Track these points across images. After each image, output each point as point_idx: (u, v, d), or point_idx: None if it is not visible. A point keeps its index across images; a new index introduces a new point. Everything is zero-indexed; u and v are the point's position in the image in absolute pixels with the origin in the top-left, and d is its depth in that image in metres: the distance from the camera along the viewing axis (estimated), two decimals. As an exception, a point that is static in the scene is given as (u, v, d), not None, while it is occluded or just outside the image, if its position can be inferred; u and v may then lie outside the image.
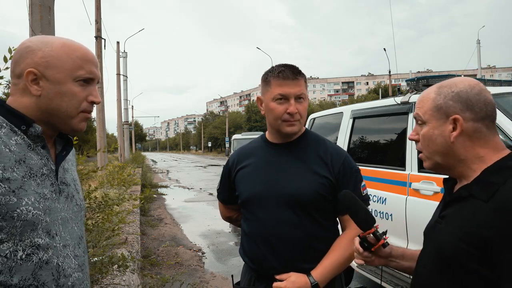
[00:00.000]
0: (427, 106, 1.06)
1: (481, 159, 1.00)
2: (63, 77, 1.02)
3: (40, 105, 1.02)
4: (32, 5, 4.15)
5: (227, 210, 1.90)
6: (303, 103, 1.52)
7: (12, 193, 0.92)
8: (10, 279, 0.91)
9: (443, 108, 1.03)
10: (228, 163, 1.77)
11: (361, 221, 1.21)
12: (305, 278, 1.46)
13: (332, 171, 1.54)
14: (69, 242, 1.05)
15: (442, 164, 1.07)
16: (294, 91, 1.49)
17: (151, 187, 13.70)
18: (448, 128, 1.02)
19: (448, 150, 1.03)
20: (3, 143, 0.94)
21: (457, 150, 1.02)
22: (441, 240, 1.00)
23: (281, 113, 1.50)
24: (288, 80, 1.48)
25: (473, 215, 0.93)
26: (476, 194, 0.95)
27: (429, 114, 1.05)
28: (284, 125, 1.52)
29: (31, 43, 1.03)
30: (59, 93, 1.02)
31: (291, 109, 1.48)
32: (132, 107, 40.54)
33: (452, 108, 1.01)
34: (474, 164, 1.01)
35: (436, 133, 1.04)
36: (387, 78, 63.37)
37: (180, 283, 3.96)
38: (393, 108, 3.50)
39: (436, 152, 1.05)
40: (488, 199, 0.91)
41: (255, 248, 1.59)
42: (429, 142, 1.06)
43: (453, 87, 1.04)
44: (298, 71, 1.52)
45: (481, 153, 1.00)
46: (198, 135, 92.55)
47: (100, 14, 12.19)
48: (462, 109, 1.00)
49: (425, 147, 1.08)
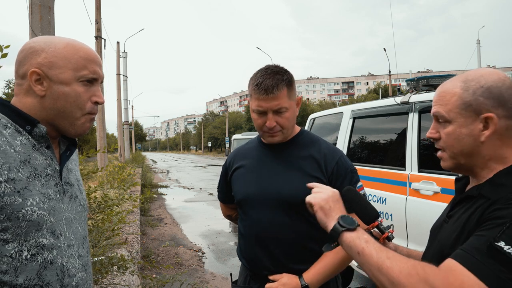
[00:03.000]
0: (453, 103, 0.96)
1: (504, 160, 0.94)
2: (66, 77, 1.02)
3: (45, 105, 1.02)
4: (32, 5, 4.16)
5: (227, 209, 1.92)
6: (284, 114, 1.47)
7: (17, 193, 0.92)
8: (15, 279, 0.92)
9: (473, 105, 0.93)
10: (226, 163, 1.79)
11: (365, 214, 1.21)
12: (297, 279, 1.46)
13: (325, 172, 1.52)
14: (73, 242, 1.06)
15: (464, 165, 0.99)
16: (271, 105, 1.44)
17: (151, 187, 13.70)
18: (478, 127, 0.93)
19: (475, 150, 0.95)
20: (8, 144, 0.94)
21: (485, 150, 0.94)
22: (443, 238, 0.99)
23: (261, 125, 1.51)
24: (265, 95, 1.43)
25: (475, 214, 0.90)
26: (485, 194, 0.91)
27: (455, 112, 0.95)
28: (266, 135, 1.53)
29: (34, 43, 1.03)
30: (63, 93, 1.02)
31: (268, 123, 1.47)
32: (132, 107, 40.54)
33: (483, 105, 0.92)
34: (495, 164, 0.95)
35: (464, 132, 0.95)
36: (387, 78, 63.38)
37: (180, 283, 3.96)
38: (393, 108, 3.49)
39: (461, 152, 0.97)
40: (496, 200, 0.87)
41: (249, 248, 1.60)
42: (455, 141, 0.97)
43: (482, 81, 0.94)
44: (277, 83, 1.43)
45: (506, 153, 0.94)
46: (198, 135, 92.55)
47: (100, 14, 12.19)
48: (494, 106, 0.91)
49: (449, 147, 0.99)
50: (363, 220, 1.22)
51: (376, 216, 1.19)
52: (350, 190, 1.26)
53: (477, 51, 26.79)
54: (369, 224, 1.20)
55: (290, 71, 1.53)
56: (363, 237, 0.96)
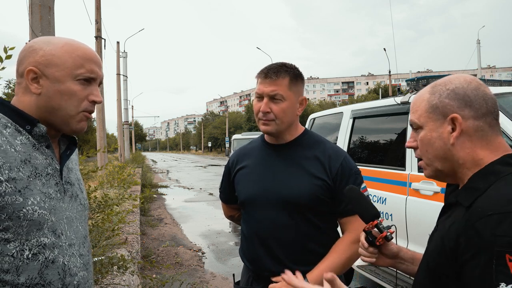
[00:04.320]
0: (422, 108, 0.97)
1: (479, 162, 0.91)
2: (62, 75, 1.02)
3: (40, 104, 1.02)
4: (32, 5, 4.16)
5: (229, 209, 1.90)
6: (279, 104, 1.47)
7: (18, 193, 0.92)
8: (17, 278, 0.92)
9: (439, 107, 0.94)
10: (228, 163, 1.77)
11: (365, 213, 1.21)
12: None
13: (329, 173, 1.51)
14: (74, 241, 1.06)
15: (442, 171, 0.97)
16: (267, 90, 1.46)
17: (151, 187, 13.70)
18: (447, 129, 0.93)
19: (447, 153, 0.94)
20: (9, 143, 0.95)
21: (457, 153, 0.93)
22: (430, 248, 0.97)
23: (257, 111, 1.51)
24: (266, 79, 1.48)
25: (453, 223, 0.88)
26: (461, 200, 0.89)
27: (424, 116, 0.97)
28: (260, 123, 1.53)
29: (34, 43, 1.04)
30: (58, 92, 1.02)
31: (262, 107, 1.48)
32: (132, 107, 40.56)
33: (449, 106, 0.93)
34: (471, 167, 0.92)
35: (434, 136, 0.95)
36: (387, 78, 63.38)
37: (180, 283, 3.96)
38: (393, 108, 3.50)
39: (435, 157, 0.96)
40: (469, 206, 0.85)
41: (252, 249, 1.59)
42: (428, 146, 0.97)
43: (448, 84, 0.95)
44: (282, 70, 1.48)
45: (480, 155, 0.91)
46: (198, 135, 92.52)
47: (100, 14, 12.19)
48: (460, 107, 0.92)
49: (424, 153, 0.99)
50: (363, 219, 1.22)
51: (376, 215, 1.19)
52: (352, 189, 1.26)
53: (477, 51, 26.79)
54: (368, 222, 1.20)
55: (300, 70, 1.56)
56: None
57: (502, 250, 0.74)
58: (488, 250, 0.76)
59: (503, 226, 0.75)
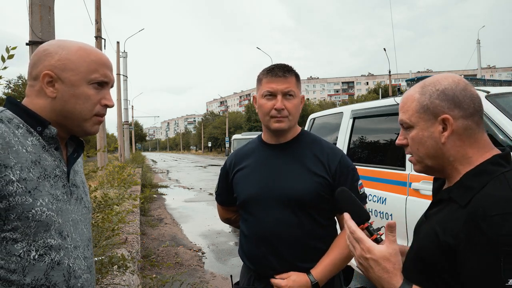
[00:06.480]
0: (413, 108, 1.01)
1: (469, 160, 0.96)
2: (77, 79, 1.03)
3: (55, 107, 1.04)
4: (32, 5, 4.16)
5: (225, 212, 1.89)
6: (292, 100, 1.52)
7: (28, 193, 0.93)
8: (23, 278, 0.93)
9: (430, 108, 0.97)
10: (226, 165, 1.77)
11: (356, 216, 1.23)
12: (305, 277, 1.48)
13: (329, 171, 1.54)
14: (79, 243, 1.07)
15: (432, 167, 1.02)
16: (282, 87, 1.50)
17: (151, 187, 13.70)
18: (438, 129, 0.97)
19: (439, 152, 0.98)
20: (20, 144, 0.95)
21: (448, 151, 0.97)
22: (421, 238, 1.01)
23: (269, 109, 1.52)
24: (277, 77, 1.51)
25: (448, 219, 0.91)
26: (455, 198, 0.93)
27: (415, 116, 1.00)
28: (272, 121, 1.53)
29: (49, 46, 1.05)
30: (73, 96, 1.03)
31: (278, 104, 1.50)
32: (132, 107, 40.56)
33: (439, 107, 0.96)
34: (461, 165, 0.97)
35: (425, 135, 0.99)
36: (387, 78, 63.41)
37: (180, 283, 3.96)
38: (393, 108, 3.49)
39: (427, 155, 1.00)
40: (466, 205, 0.88)
41: (254, 248, 1.59)
42: (419, 145, 1.01)
43: (437, 84, 0.98)
44: (288, 69, 1.54)
45: (469, 153, 0.96)
46: (198, 135, 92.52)
47: (100, 14, 12.19)
48: (450, 108, 0.95)
49: (414, 151, 1.03)
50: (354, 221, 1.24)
51: (367, 218, 1.21)
52: (344, 192, 1.28)
53: (477, 51, 26.79)
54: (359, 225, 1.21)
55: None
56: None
57: (509, 249, 0.79)
58: (494, 249, 0.80)
59: (507, 226, 0.80)
